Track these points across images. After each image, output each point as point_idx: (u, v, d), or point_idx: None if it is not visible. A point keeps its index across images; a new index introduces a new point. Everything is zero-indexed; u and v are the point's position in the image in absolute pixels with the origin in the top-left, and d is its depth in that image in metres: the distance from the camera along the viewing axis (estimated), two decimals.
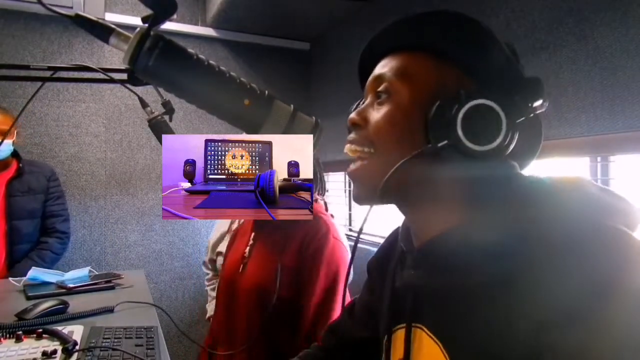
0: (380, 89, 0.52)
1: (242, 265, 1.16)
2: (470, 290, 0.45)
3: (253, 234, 1.21)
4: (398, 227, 0.70)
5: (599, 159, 1.28)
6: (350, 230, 2.48)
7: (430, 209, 0.51)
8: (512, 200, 0.46)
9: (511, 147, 0.45)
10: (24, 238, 1.97)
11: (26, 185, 1.99)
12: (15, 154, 2.01)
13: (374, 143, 0.51)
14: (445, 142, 0.45)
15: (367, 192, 0.52)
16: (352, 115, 0.54)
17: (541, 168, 1.44)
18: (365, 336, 0.69)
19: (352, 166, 0.54)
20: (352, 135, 0.54)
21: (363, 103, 0.57)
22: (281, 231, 1.11)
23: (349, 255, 1.10)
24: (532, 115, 0.46)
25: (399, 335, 0.55)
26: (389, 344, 0.57)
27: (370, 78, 0.55)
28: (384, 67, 0.53)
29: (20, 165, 2.00)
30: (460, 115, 0.44)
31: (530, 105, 0.46)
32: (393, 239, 0.69)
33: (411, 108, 0.49)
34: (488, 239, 0.44)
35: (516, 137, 0.45)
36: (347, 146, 0.54)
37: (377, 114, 0.51)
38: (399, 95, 0.50)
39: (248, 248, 1.19)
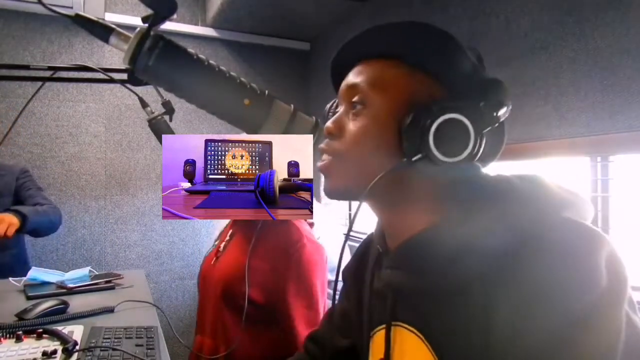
0: (355, 99, 0.54)
1: (215, 259, 1.19)
2: (448, 286, 0.47)
3: (231, 230, 1.24)
4: (371, 233, 0.71)
5: (599, 159, 1.28)
6: (351, 230, 2.48)
7: (403, 211, 0.54)
8: (479, 199, 0.49)
9: (479, 154, 0.49)
10: None
11: None
12: None
13: (348, 155, 0.53)
14: (419, 155, 0.48)
15: (338, 190, 0.55)
16: (329, 124, 0.55)
17: (540, 168, 1.44)
18: (345, 345, 0.69)
19: (322, 162, 0.56)
20: (326, 144, 0.55)
21: (336, 106, 0.59)
22: (255, 232, 1.11)
23: (325, 252, 1.13)
24: (497, 125, 0.49)
25: (378, 336, 0.56)
26: (367, 348, 0.58)
27: (344, 86, 0.56)
28: (358, 76, 0.54)
29: None
30: (432, 129, 0.47)
31: (495, 114, 0.49)
32: (366, 245, 0.70)
33: (386, 119, 0.51)
34: (461, 237, 0.47)
35: (483, 144, 0.49)
36: (322, 157, 0.56)
37: (353, 127, 0.53)
38: (374, 106, 0.52)
39: (224, 243, 1.21)
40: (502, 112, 0.49)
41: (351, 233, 2.56)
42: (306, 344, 0.77)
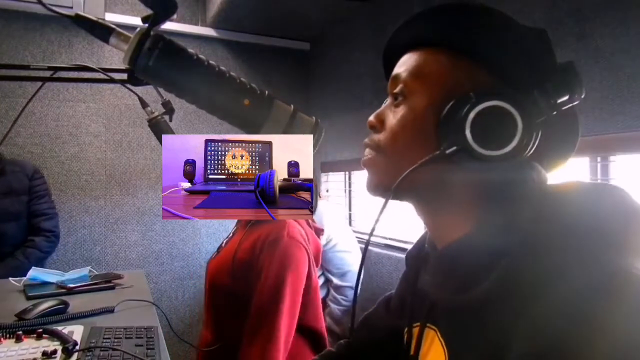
0: (396, 90, 0.51)
1: (216, 254, 1.25)
2: (472, 302, 0.43)
3: (234, 228, 1.31)
4: None
5: (599, 159, 1.28)
6: (353, 231, 2.48)
7: (445, 213, 0.50)
8: (526, 208, 0.43)
9: (530, 148, 0.42)
10: (9, 241, 1.93)
11: (8, 186, 1.93)
12: None
13: (386, 148, 0.51)
14: (454, 148, 0.43)
15: (376, 185, 0.53)
16: (371, 117, 0.54)
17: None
18: (400, 325, 0.66)
19: (365, 156, 0.54)
20: (369, 137, 0.54)
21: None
22: (249, 226, 1.17)
23: (306, 256, 1.10)
24: (555, 112, 0.43)
25: (416, 332, 0.56)
26: (409, 338, 0.58)
27: (390, 78, 0.54)
28: (400, 67, 0.52)
29: (1, 166, 1.93)
30: (469, 118, 0.42)
31: (553, 102, 0.42)
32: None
33: (425, 110, 0.48)
34: (492, 251, 0.42)
35: (537, 137, 0.42)
36: (365, 151, 0.54)
37: (392, 119, 0.51)
38: (414, 97, 0.49)
39: (225, 241, 1.26)
40: (564, 99, 0.42)
41: (357, 237, 2.51)
42: (359, 325, 0.76)
